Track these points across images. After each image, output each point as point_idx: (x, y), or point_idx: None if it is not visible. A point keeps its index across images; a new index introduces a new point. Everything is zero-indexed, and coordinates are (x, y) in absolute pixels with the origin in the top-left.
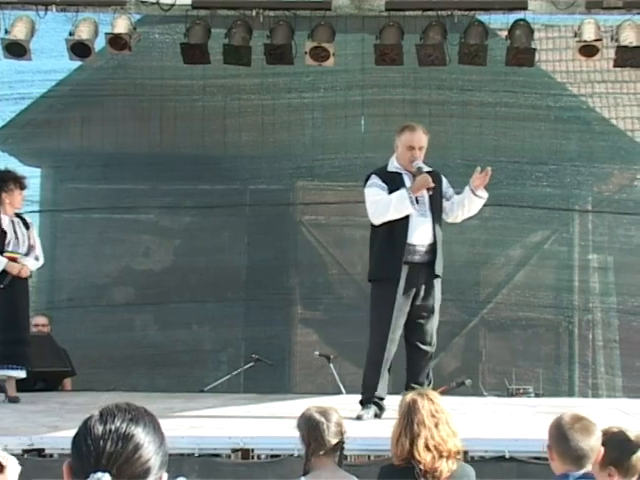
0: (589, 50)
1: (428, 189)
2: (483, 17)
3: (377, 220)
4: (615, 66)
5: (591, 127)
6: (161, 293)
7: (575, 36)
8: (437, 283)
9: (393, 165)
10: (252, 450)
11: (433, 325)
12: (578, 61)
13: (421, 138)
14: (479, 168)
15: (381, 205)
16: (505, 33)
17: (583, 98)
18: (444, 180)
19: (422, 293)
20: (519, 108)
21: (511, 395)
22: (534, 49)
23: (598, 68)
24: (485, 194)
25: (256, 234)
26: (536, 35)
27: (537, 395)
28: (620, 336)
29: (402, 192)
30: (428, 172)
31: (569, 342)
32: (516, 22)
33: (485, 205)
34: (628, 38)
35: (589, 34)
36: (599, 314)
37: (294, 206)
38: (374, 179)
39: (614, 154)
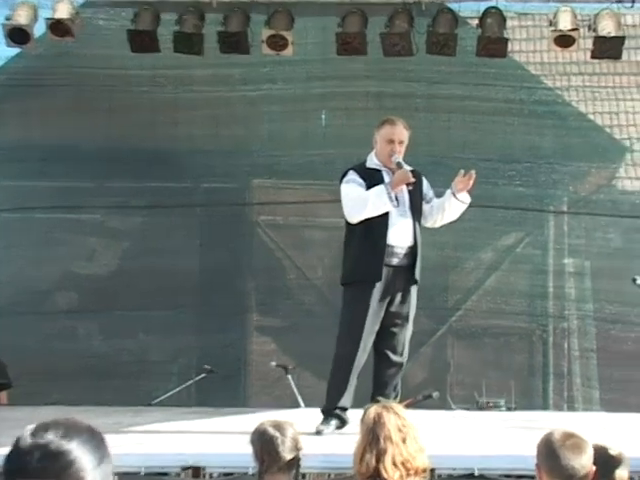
0: (565, 40)
1: (408, 184)
2: (453, 4)
3: (354, 218)
4: (593, 57)
5: (567, 122)
6: (106, 299)
7: (550, 25)
8: (414, 290)
9: (372, 161)
10: (203, 468)
11: (406, 334)
12: (553, 52)
13: (402, 132)
14: (462, 171)
15: (358, 201)
16: (476, 22)
17: (559, 91)
18: (425, 181)
19: (398, 299)
20: (490, 102)
21: (481, 409)
22: (506, 39)
23: (575, 60)
24: (468, 198)
25: (209, 236)
26: (509, 24)
27: (509, 409)
28: (597, 345)
29: (380, 187)
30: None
31: (543, 352)
32: (487, 10)
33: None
34: (606, 28)
35: (565, 23)
36: (575, 322)
37: (250, 206)
38: (351, 175)
39: (591, 151)
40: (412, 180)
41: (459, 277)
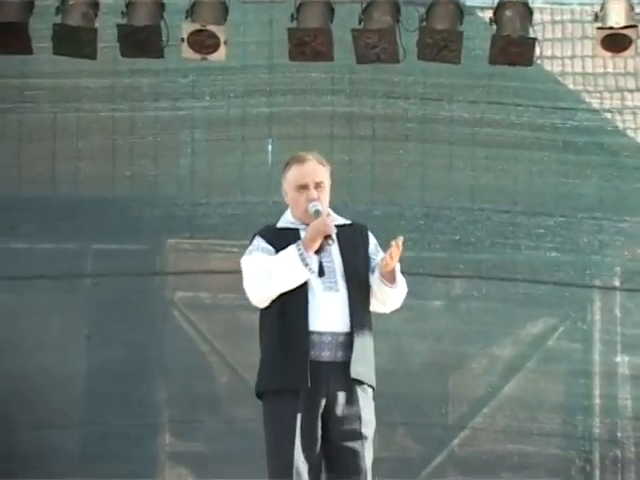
0: (617, 42)
1: (327, 238)
2: None
3: (257, 297)
4: None
5: (619, 159)
6: None
7: (596, 20)
8: (364, 394)
9: (286, 220)
10: None
11: (365, 459)
12: (600, 59)
13: (315, 170)
14: (396, 241)
15: (260, 273)
16: (489, 14)
17: (608, 115)
18: (371, 239)
19: (341, 400)
20: (510, 129)
21: None
22: (533, 39)
23: (631, 69)
24: (399, 283)
25: (102, 322)
26: (536, 18)
27: None
28: None
29: (289, 249)
30: (342, 225)
31: None
32: None
33: (456, 277)
34: None
35: (617, 18)
36: (632, 449)
37: (162, 276)
38: (257, 242)
39: None
40: (330, 231)
41: (464, 382)
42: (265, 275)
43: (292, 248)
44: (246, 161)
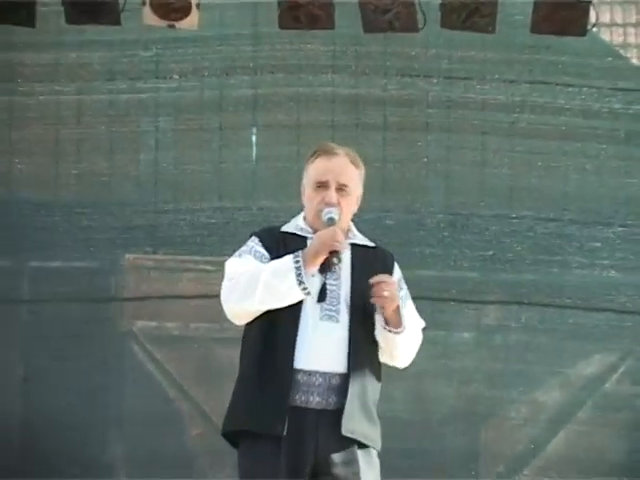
0: None
1: (332, 255)
2: None
3: (233, 310)
4: None
5: None
6: None
7: None
8: (365, 454)
9: (296, 224)
10: None
11: None
12: None
13: (342, 169)
14: (375, 279)
15: (243, 280)
16: None
17: None
18: (396, 271)
19: (334, 471)
20: (557, 115)
21: None
22: (587, 2)
23: None
24: (407, 326)
25: (42, 359)
26: None
27: None
28: None
29: (286, 259)
30: (362, 246)
31: None
32: None
33: (490, 302)
34: None
35: None
36: None
37: (119, 302)
38: (251, 243)
39: None
40: (338, 247)
41: (499, 435)
42: (249, 284)
43: (289, 259)
44: (225, 156)
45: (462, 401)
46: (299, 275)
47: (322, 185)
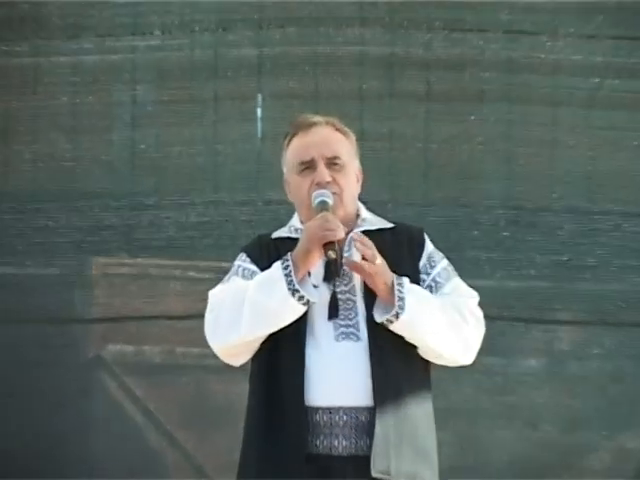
0: None
1: (328, 250)
2: None
3: (217, 348)
4: None
5: None
6: None
7: None
8: None
9: (290, 226)
10: None
11: None
12: None
13: (327, 139)
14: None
15: (226, 308)
16: None
17: None
18: (427, 247)
19: None
20: None
21: None
22: None
23: None
24: (395, 306)
25: None
26: None
27: None
28: None
29: (272, 267)
30: (377, 230)
31: None
32: None
33: (565, 322)
34: None
35: None
36: None
37: (84, 322)
38: (237, 262)
39: None
40: (336, 236)
41: None
42: (233, 311)
43: (276, 266)
44: (221, 135)
45: (528, 448)
46: (290, 282)
47: (307, 166)
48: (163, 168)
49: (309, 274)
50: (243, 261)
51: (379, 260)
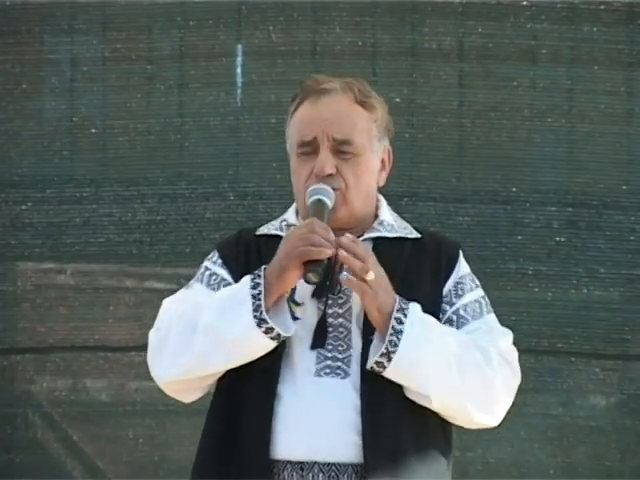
0: None
1: (307, 267)
2: None
3: (166, 381)
4: None
5: None
6: None
7: None
8: None
9: (281, 220)
10: None
11: None
12: None
13: (340, 113)
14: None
15: (175, 329)
16: None
17: None
18: (459, 268)
19: None
20: None
21: None
22: None
23: None
24: (386, 341)
25: None
26: None
27: None
28: None
29: (240, 282)
30: (397, 240)
31: None
32: None
33: (626, 356)
34: None
35: None
36: None
37: (12, 353)
38: (207, 261)
39: None
40: (321, 254)
41: None
42: (183, 334)
43: (244, 282)
44: (187, 104)
45: None
46: (257, 308)
47: (307, 148)
48: (104, 148)
49: (292, 290)
50: (213, 262)
51: (371, 275)
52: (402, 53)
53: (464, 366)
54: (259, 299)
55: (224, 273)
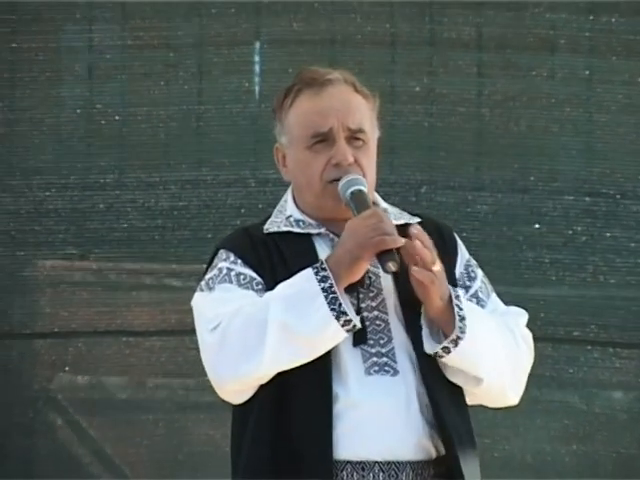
0: None
1: (384, 259)
2: None
3: (229, 382)
4: None
5: None
6: None
7: None
8: None
9: (287, 217)
10: None
11: None
12: None
13: (349, 103)
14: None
15: (235, 329)
16: None
17: None
18: (460, 251)
19: None
20: None
21: None
22: None
23: None
24: (456, 328)
25: None
26: None
27: None
28: None
29: (302, 279)
30: (403, 226)
31: None
32: None
33: None
34: None
35: None
36: None
37: (22, 341)
38: (223, 262)
39: None
40: (396, 242)
41: None
42: (248, 333)
43: (307, 276)
44: (206, 92)
45: None
46: (334, 301)
47: (322, 138)
48: (126, 135)
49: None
50: (233, 263)
51: (438, 266)
52: (421, 43)
53: (504, 347)
54: (333, 292)
55: (251, 272)
